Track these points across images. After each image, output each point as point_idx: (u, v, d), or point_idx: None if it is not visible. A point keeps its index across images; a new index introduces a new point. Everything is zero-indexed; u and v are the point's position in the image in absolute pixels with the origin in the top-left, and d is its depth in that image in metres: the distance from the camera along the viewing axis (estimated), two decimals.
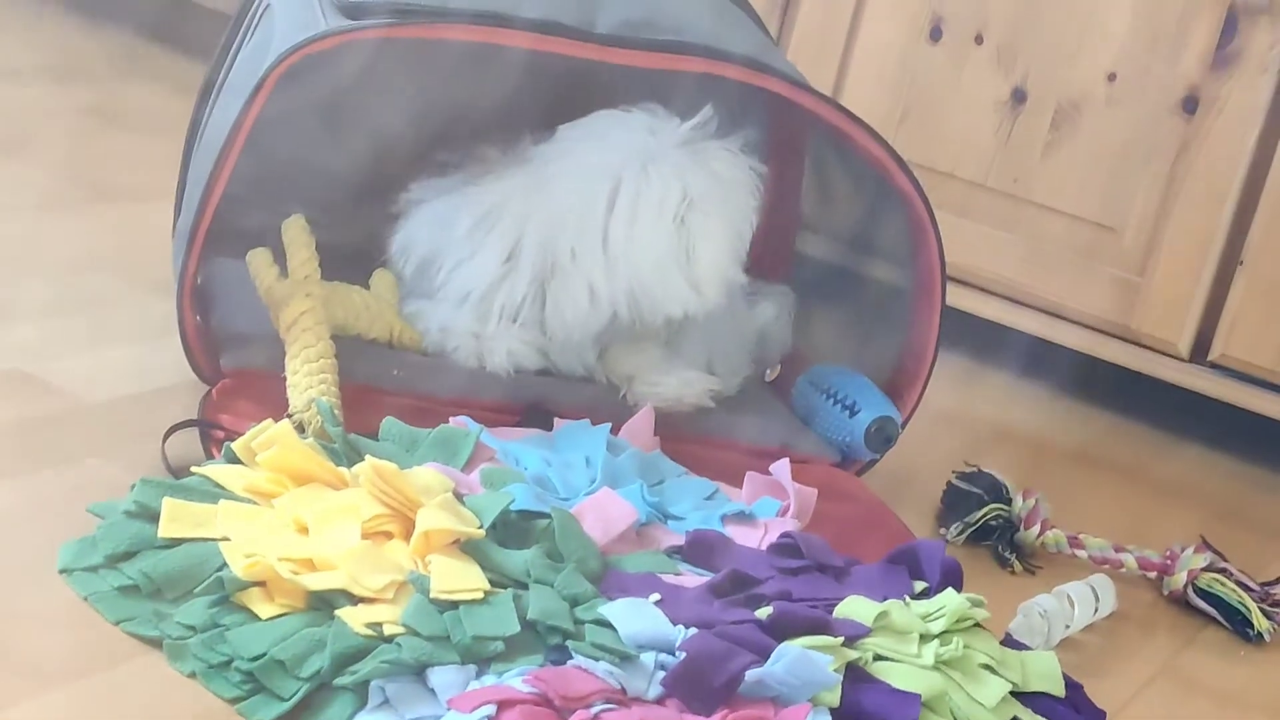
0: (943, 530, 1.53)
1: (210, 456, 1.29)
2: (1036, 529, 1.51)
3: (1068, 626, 1.37)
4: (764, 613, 1.14)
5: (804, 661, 1.08)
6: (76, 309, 1.54)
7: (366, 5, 1.38)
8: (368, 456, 1.19)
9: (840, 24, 1.98)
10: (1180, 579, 1.48)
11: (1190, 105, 1.82)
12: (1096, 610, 1.41)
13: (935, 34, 1.94)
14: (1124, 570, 1.50)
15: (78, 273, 1.61)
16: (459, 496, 1.21)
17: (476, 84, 1.63)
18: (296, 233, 1.44)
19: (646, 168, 1.43)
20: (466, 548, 1.15)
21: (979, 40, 1.92)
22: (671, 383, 1.48)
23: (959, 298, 1.95)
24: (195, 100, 1.56)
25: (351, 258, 1.60)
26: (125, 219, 1.79)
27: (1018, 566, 1.49)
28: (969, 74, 1.93)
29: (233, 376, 1.39)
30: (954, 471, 1.57)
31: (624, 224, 1.42)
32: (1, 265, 1.58)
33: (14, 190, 1.78)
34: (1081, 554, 1.51)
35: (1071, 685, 1.21)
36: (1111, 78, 1.86)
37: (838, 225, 1.72)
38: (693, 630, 1.11)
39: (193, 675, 1.04)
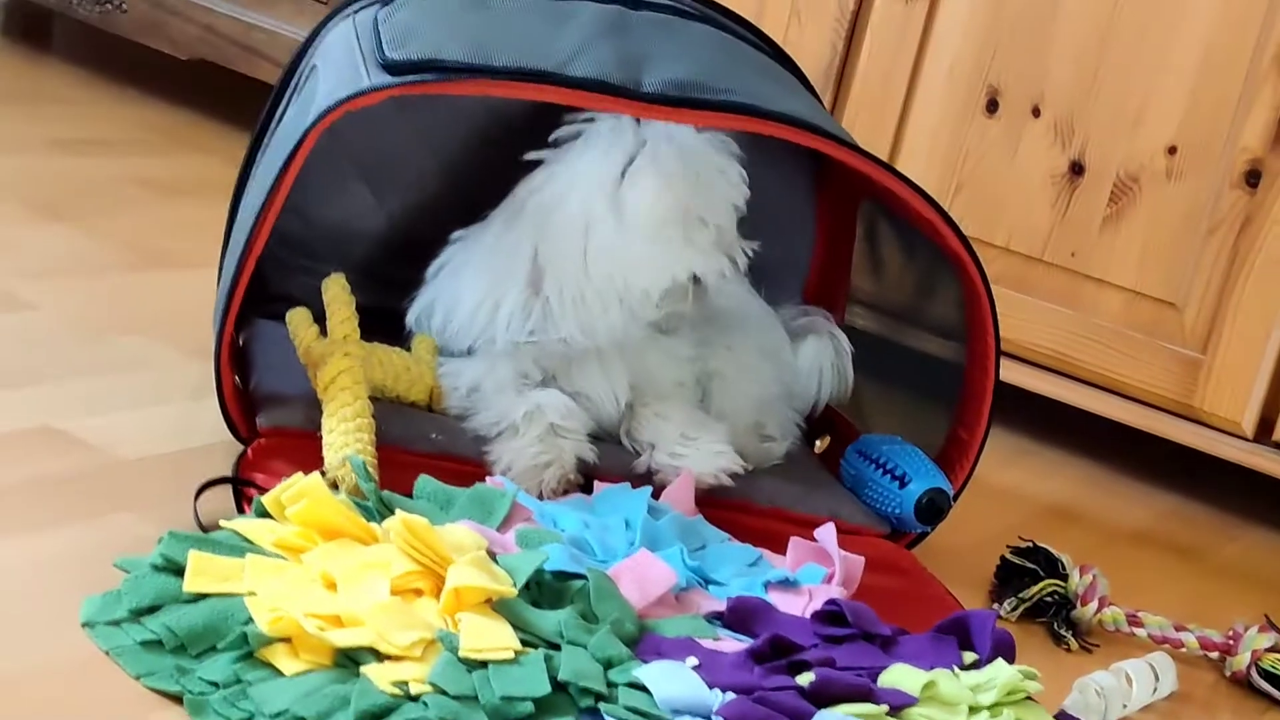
0: (996, 605, 1.48)
1: (242, 514, 1.26)
2: (1094, 605, 1.46)
3: (1125, 706, 1.32)
4: (805, 679, 1.10)
5: None
6: (115, 369, 1.52)
7: (410, 63, 1.36)
8: (398, 511, 1.16)
9: (895, 96, 1.95)
10: (1244, 659, 1.43)
11: (1253, 179, 1.79)
12: (1156, 690, 1.36)
13: (991, 106, 1.91)
14: (1184, 650, 1.45)
15: (119, 335, 1.60)
16: (492, 555, 1.18)
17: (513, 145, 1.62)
18: (337, 292, 1.42)
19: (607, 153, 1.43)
20: (498, 607, 1.12)
21: (1036, 112, 1.89)
22: (692, 455, 1.43)
23: (1016, 374, 1.91)
24: (241, 165, 1.55)
25: (393, 322, 1.58)
26: (171, 284, 1.78)
27: (1074, 644, 1.44)
28: (1026, 146, 1.90)
29: (269, 436, 1.36)
30: (1008, 546, 1.53)
31: (581, 214, 1.43)
32: (43, 326, 1.57)
33: (62, 255, 1.78)
34: (1140, 632, 1.46)
35: None
36: (1172, 150, 1.83)
37: (889, 298, 1.69)
38: (730, 695, 1.07)
39: None
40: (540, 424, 1.39)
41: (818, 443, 1.66)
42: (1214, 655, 1.45)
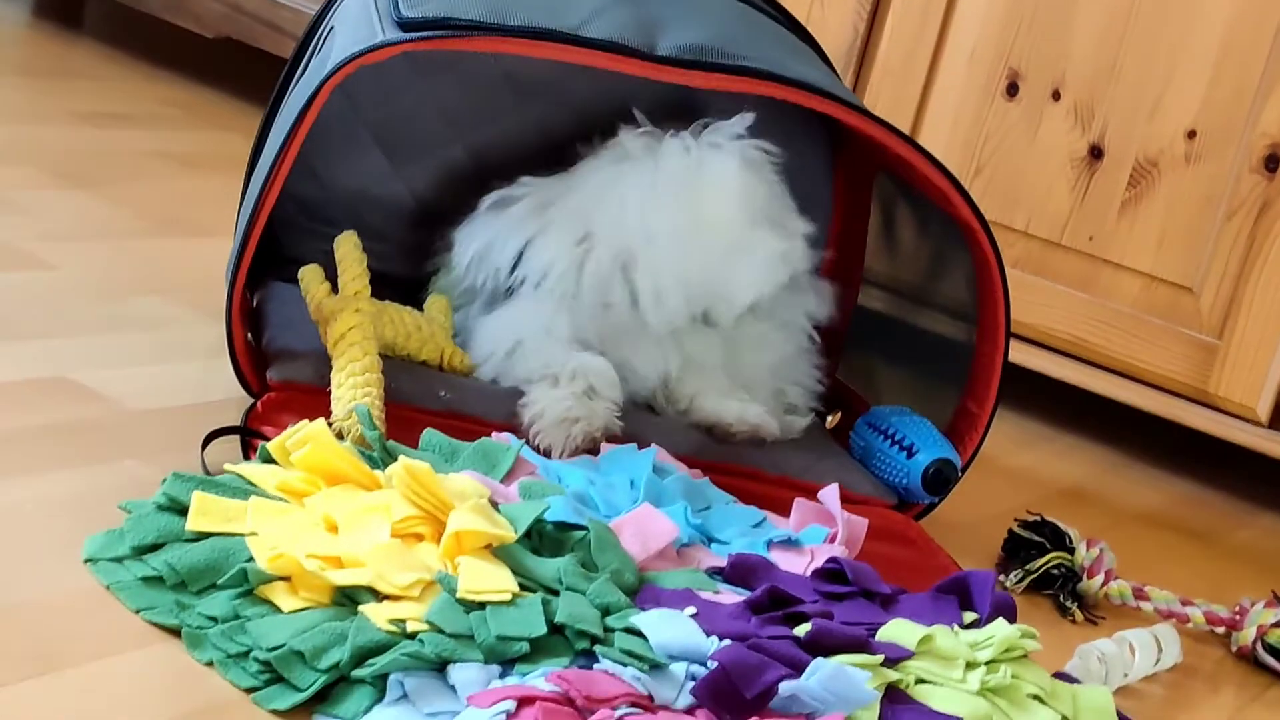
0: (1002, 577, 1.47)
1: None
2: (1100, 579, 1.45)
3: (1126, 675, 1.32)
4: (803, 630, 1.10)
5: (840, 677, 1.03)
6: (131, 327, 1.53)
7: (425, 21, 1.37)
8: (401, 457, 1.16)
9: (916, 78, 1.95)
10: (1249, 634, 1.42)
11: (1272, 163, 1.78)
12: (1159, 661, 1.36)
13: (1012, 89, 1.91)
14: (1190, 625, 1.45)
15: (136, 295, 1.61)
16: (494, 504, 1.18)
17: (531, 117, 1.62)
18: (349, 249, 1.43)
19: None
20: (498, 553, 1.12)
21: (1056, 96, 1.89)
22: (733, 404, 1.47)
23: (1032, 358, 1.91)
24: (259, 127, 1.57)
25: (407, 290, 1.59)
26: (189, 250, 1.79)
27: (1079, 616, 1.44)
28: (1046, 129, 1.90)
29: (279, 390, 1.37)
30: (1016, 519, 1.52)
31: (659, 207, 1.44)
32: (62, 285, 1.58)
33: (83, 220, 1.79)
34: (1147, 606, 1.45)
35: None
36: (1191, 134, 1.83)
37: (902, 277, 1.69)
38: (726, 642, 1.07)
39: (210, 664, 1.02)
40: (581, 382, 1.39)
41: (829, 418, 1.67)
42: (1220, 630, 1.45)
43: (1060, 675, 1.19)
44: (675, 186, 1.44)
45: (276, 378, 1.38)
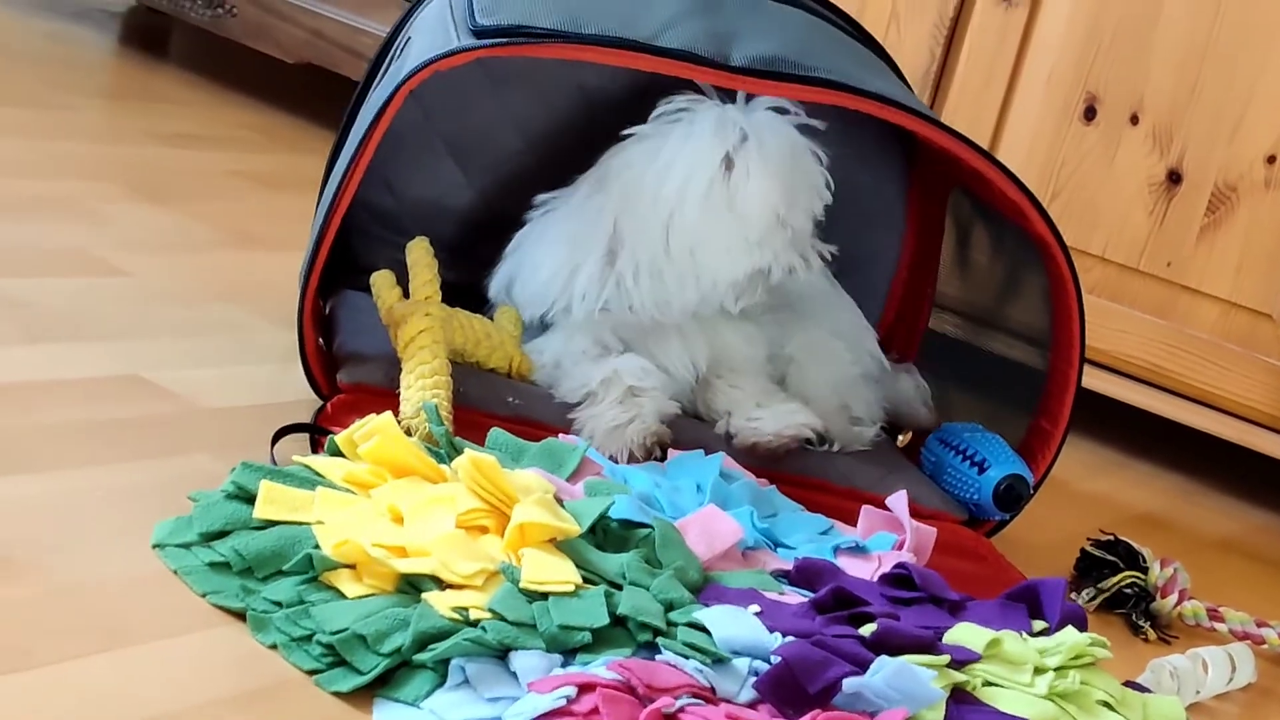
0: (1074, 596, 1.46)
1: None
2: (1174, 598, 1.43)
3: (1199, 691, 1.30)
4: (868, 630, 1.09)
5: (905, 674, 1.02)
6: (205, 332, 1.54)
7: (500, 28, 1.37)
8: (467, 450, 1.16)
9: (993, 102, 1.95)
10: None
11: None
12: (1232, 679, 1.34)
13: (1089, 113, 1.90)
14: (1266, 646, 1.42)
15: (210, 302, 1.62)
16: (559, 501, 1.18)
17: (604, 131, 1.63)
18: (420, 254, 1.43)
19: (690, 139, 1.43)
20: (562, 547, 1.12)
21: (1134, 120, 1.88)
22: (767, 417, 1.44)
23: (1109, 384, 1.89)
24: (336, 136, 1.58)
25: (478, 299, 1.60)
26: (263, 263, 1.80)
27: (1152, 635, 1.42)
28: (1123, 154, 1.88)
29: (349, 392, 1.38)
30: (1088, 539, 1.51)
31: (675, 194, 1.42)
32: (137, 291, 1.60)
33: (158, 232, 1.81)
34: (1221, 627, 1.43)
35: None
36: (1271, 160, 1.81)
37: (974, 300, 1.68)
38: (790, 639, 1.06)
39: (274, 647, 1.02)
40: (618, 387, 1.39)
41: (900, 436, 1.65)
42: None
43: (1131, 685, 1.17)
44: (698, 158, 1.43)
45: (346, 380, 1.38)
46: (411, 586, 1.07)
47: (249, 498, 1.13)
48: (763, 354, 1.51)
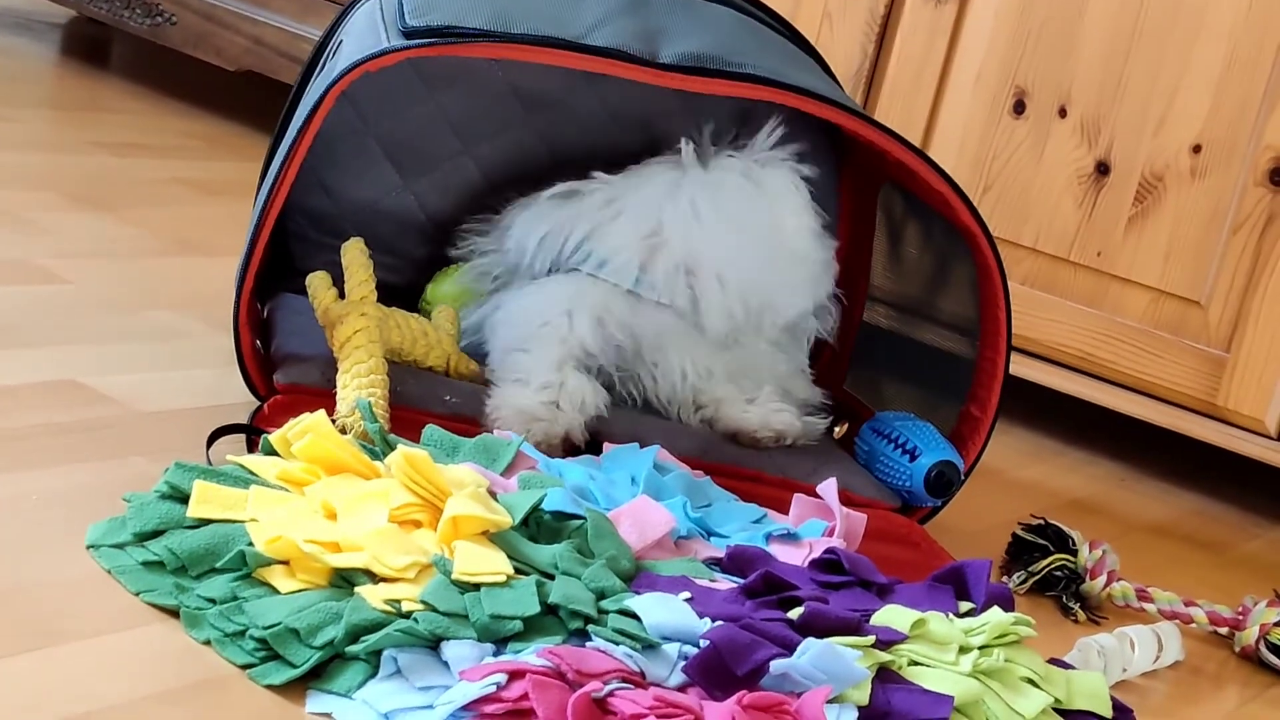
0: (1005, 579, 1.48)
1: None
2: (1103, 580, 1.46)
3: (1125, 670, 1.32)
4: (796, 613, 1.11)
5: (831, 655, 1.04)
6: (143, 338, 1.55)
7: (430, 29, 1.39)
8: (400, 446, 1.18)
9: (924, 98, 1.97)
10: (1252, 634, 1.42)
11: (1277, 176, 1.79)
12: (1159, 658, 1.36)
13: (1019, 107, 1.93)
14: (1194, 625, 1.45)
15: (149, 309, 1.63)
16: (493, 494, 1.19)
17: (538, 130, 1.65)
18: (355, 255, 1.45)
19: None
20: (495, 539, 1.14)
21: (1062, 113, 1.90)
22: (756, 411, 1.49)
23: (1041, 373, 1.92)
24: (271, 140, 1.59)
25: (416, 302, 1.62)
26: (203, 269, 1.81)
27: (1082, 616, 1.44)
28: (1052, 147, 1.91)
29: (286, 393, 1.39)
30: (1019, 523, 1.53)
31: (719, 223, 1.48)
32: (75, 298, 1.61)
33: (97, 239, 1.82)
34: (1150, 607, 1.45)
35: (1121, 709, 1.16)
36: (1196, 149, 1.84)
37: (905, 292, 1.70)
38: (719, 623, 1.08)
39: (207, 643, 1.03)
40: (549, 394, 1.41)
41: (836, 429, 1.67)
42: (1223, 631, 1.45)
43: (1058, 663, 1.20)
44: (742, 197, 1.47)
45: (283, 381, 1.40)
46: (345, 581, 1.08)
47: (183, 497, 1.14)
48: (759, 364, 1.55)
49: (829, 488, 1.35)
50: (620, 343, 1.47)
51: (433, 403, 1.42)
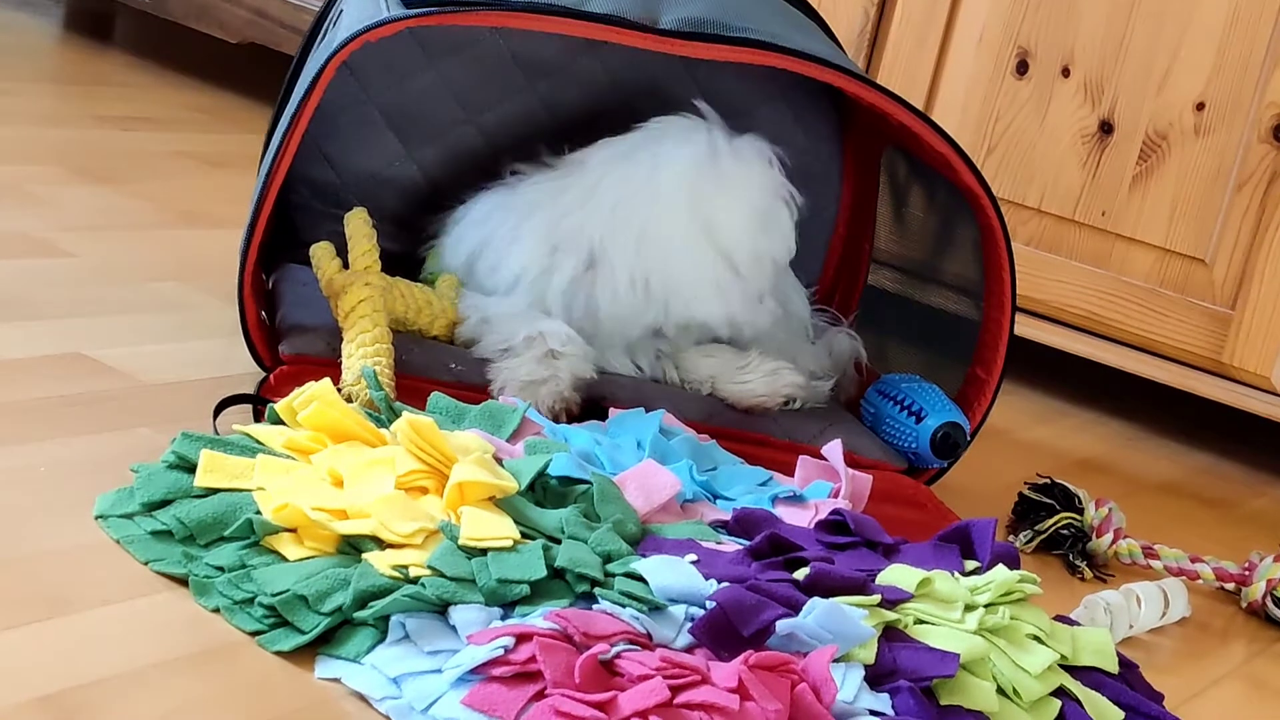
0: (1012, 538, 1.48)
1: None
2: (1109, 537, 1.46)
3: (1131, 626, 1.33)
4: (802, 574, 1.12)
5: (837, 614, 1.05)
6: (149, 309, 1.56)
7: None
8: (404, 413, 1.18)
9: (927, 60, 1.97)
10: (1258, 589, 1.43)
11: None
12: (1165, 614, 1.36)
13: (1021, 68, 1.92)
14: (1200, 581, 1.45)
15: (154, 281, 1.64)
16: (498, 460, 1.20)
17: (540, 97, 1.65)
18: (358, 225, 1.45)
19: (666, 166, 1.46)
20: (501, 504, 1.14)
21: (1065, 73, 1.90)
22: (757, 378, 1.48)
23: (1047, 334, 1.92)
24: (273, 113, 1.59)
25: (419, 269, 1.62)
26: (208, 240, 1.82)
27: (1088, 574, 1.44)
28: (1056, 107, 1.91)
29: (291, 363, 1.39)
30: (1026, 482, 1.53)
31: (651, 216, 1.45)
32: (81, 271, 1.61)
33: (103, 213, 1.82)
34: (1156, 564, 1.46)
35: (1126, 664, 1.16)
36: (1200, 107, 1.83)
37: (910, 255, 1.70)
38: (725, 585, 1.09)
39: (216, 610, 1.04)
40: (540, 346, 1.41)
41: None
42: (1230, 587, 1.45)
43: (1064, 619, 1.20)
44: (680, 192, 1.46)
45: (288, 351, 1.40)
46: (352, 548, 1.09)
47: (190, 467, 1.15)
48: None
49: (834, 449, 1.35)
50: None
51: (438, 370, 1.43)
